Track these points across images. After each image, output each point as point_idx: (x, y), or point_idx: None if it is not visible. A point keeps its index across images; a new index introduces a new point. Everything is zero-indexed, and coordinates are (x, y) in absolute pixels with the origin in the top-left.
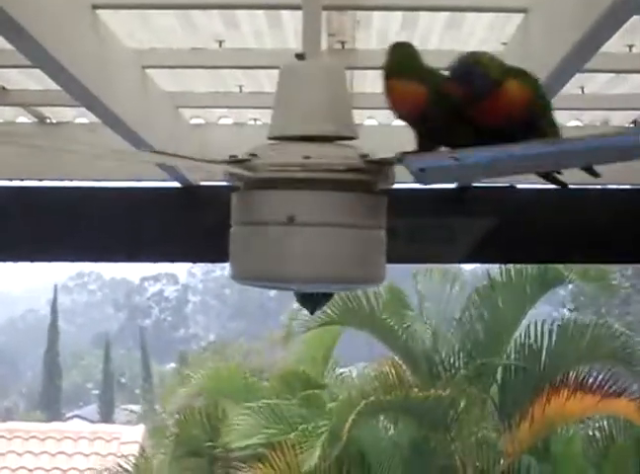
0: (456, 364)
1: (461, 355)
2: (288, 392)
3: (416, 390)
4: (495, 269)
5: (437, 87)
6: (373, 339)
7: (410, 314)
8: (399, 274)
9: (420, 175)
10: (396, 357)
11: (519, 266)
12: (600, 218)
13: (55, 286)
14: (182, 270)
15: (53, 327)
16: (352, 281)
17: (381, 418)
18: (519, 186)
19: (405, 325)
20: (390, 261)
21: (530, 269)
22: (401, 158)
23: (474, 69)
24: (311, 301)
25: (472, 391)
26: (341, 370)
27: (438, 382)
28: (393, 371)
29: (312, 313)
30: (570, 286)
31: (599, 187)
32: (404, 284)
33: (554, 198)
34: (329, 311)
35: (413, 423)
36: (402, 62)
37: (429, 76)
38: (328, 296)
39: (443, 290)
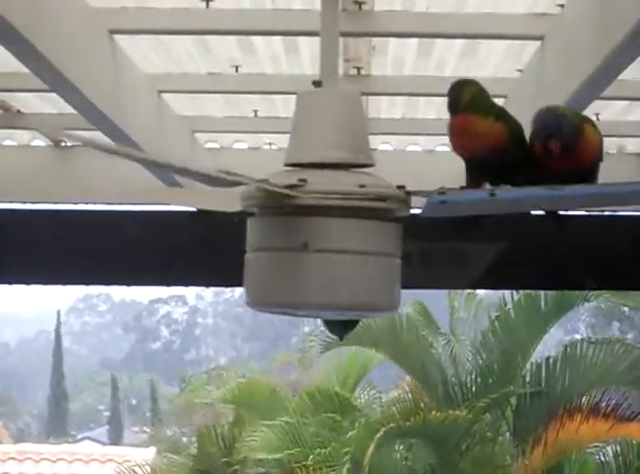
0: (473, 389)
1: (478, 379)
2: (309, 413)
3: (433, 413)
4: (508, 293)
5: (514, 127)
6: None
7: (429, 337)
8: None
9: (436, 207)
10: (412, 380)
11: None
12: (614, 244)
13: (58, 312)
14: (191, 292)
15: (57, 351)
16: (367, 309)
17: (398, 442)
18: (532, 212)
19: (424, 347)
20: (402, 286)
21: (544, 293)
22: (443, 192)
23: (562, 119)
24: (339, 327)
25: (487, 416)
26: (366, 394)
27: (453, 407)
28: (410, 397)
29: (342, 339)
30: (584, 315)
31: (613, 213)
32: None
33: (568, 225)
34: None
35: (428, 447)
36: (477, 99)
37: (504, 115)
38: (355, 322)
39: (461, 314)
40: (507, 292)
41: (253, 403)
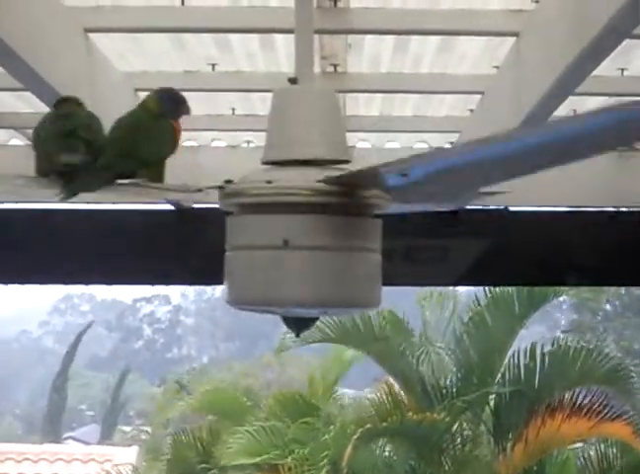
0: (452, 388)
1: (456, 377)
2: (285, 415)
3: (411, 414)
4: (482, 291)
5: None
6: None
7: (408, 336)
8: (398, 295)
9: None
10: (391, 379)
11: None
12: (594, 241)
13: (92, 322)
14: (174, 291)
15: (71, 354)
16: (348, 305)
17: (377, 442)
18: (512, 208)
19: (402, 347)
20: (383, 283)
21: (517, 289)
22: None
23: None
24: (297, 323)
25: (466, 414)
26: (342, 393)
27: (433, 405)
28: (389, 396)
29: (298, 335)
30: (564, 307)
31: (594, 209)
32: (403, 305)
33: (548, 221)
34: (327, 330)
35: (408, 446)
36: None
37: None
38: (314, 319)
39: (439, 312)
40: (480, 290)
41: (232, 404)
